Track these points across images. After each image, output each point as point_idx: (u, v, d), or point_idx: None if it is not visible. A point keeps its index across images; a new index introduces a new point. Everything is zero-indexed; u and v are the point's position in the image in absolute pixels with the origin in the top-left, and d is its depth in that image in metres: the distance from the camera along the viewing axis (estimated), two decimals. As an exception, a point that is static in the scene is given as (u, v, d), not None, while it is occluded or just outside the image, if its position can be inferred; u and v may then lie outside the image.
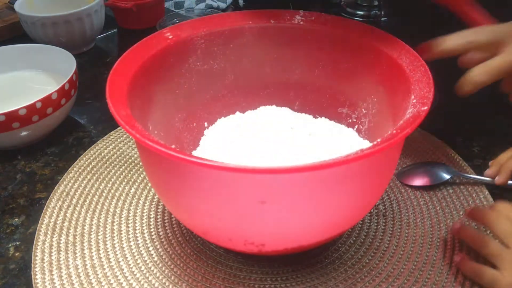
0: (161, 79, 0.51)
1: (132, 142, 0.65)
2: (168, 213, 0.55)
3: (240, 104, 0.60)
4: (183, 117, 0.56)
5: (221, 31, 0.54)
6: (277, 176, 0.36)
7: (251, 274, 0.48)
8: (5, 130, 0.59)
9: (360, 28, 0.52)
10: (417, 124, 0.38)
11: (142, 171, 0.60)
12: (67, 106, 0.65)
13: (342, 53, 0.54)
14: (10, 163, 0.63)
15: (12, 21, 0.93)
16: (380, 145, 0.35)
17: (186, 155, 0.35)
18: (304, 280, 0.48)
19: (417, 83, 0.43)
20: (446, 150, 0.62)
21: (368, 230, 0.52)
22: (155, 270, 0.49)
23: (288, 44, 0.56)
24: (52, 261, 0.49)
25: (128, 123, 0.38)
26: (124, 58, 0.47)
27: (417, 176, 0.58)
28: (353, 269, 0.48)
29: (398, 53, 0.48)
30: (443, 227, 0.52)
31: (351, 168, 0.38)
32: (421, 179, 0.57)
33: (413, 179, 0.58)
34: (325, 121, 0.58)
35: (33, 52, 0.73)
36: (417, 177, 0.58)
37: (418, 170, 0.59)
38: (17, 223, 0.54)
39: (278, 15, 0.55)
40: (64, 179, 0.59)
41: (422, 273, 0.48)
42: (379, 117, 0.52)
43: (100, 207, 0.56)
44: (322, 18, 0.54)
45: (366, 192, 0.43)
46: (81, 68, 0.70)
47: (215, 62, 0.56)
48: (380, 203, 0.55)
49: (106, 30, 0.97)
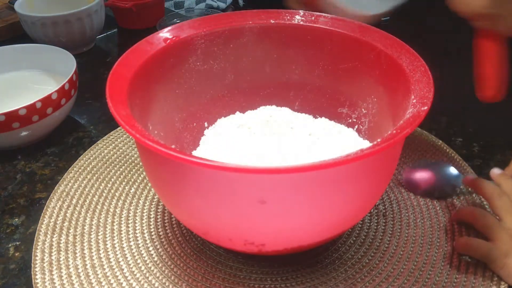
0: (161, 79, 0.51)
1: (132, 142, 0.65)
2: (168, 213, 0.55)
3: (240, 104, 0.60)
4: (183, 117, 0.56)
5: (221, 31, 0.54)
6: (278, 176, 0.36)
7: (251, 274, 0.48)
8: (5, 130, 0.59)
9: (360, 28, 0.52)
10: (417, 124, 0.38)
11: (142, 171, 0.60)
12: (67, 106, 0.65)
13: (342, 53, 0.54)
14: (10, 163, 0.63)
15: (12, 21, 0.93)
16: (380, 145, 0.35)
17: (187, 155, 0.35)
18: (304, 280, 0.48)
19: (417, 83, 0.43)
20: (446, 150, 0.62)
21: (368, 230, 0.52)
22: (155, 270, 0.49)
23: (288, 44, 0.56)
24: (52, 261, 0.49)
25: (128, 123, 0.38)
26: (124, 58, 0.47)
27: (422, 181, 0.57)
28: (353, 269, 0.48)
29: (398, 53, 0.48)
30: (443, 227, 0.52)
31: (351, 168, 0.38)
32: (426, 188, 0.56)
33: (418, 187, 0.57)
34: (325, 121, 0.58)
35: (33, 52, 0.73)
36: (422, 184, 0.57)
37: (424, 177, 0.57)
38: (17, 223, 0.54)
39: (278, 15, 0.55)
40: (64, 179, 0.59)
41: (422, 273, 0.48)
42: (379, 117, 0.52)
43: (100, 207, 0.56)
44: (322, 18, 0.54)
45: (366, 192, 0.43)
46: (81, 68, 0.70)
47: (215, 62, 0.56)
48: (380, 203, 0.55)
49: (106, 30, 0.97)
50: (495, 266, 0.47)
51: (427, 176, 0.56)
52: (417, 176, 0.57)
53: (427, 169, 0.57)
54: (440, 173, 0.56)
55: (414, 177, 0.57)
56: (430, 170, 0.57)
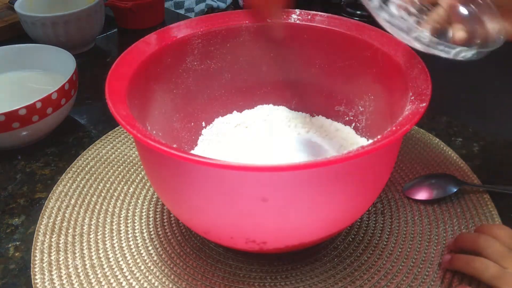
0: (158, 79, 0.52)
1: (130, 142, 0.65)
2: (167, 212, 0.55)
3: (237, 103, 0.60)
4: (180, 117, 0.56)
5: (217, 30, 0.54)
6: (281, 173, 0.36)
7: (251, 273, 0.48)
8: (5, 130, 0.60)
9: (356, 27, 0.52)
10: (416, 120, 0.38)
11: (140, 171, 0.60)
12: (67, 106, 0.65)
13: (339, 51, 0.54)
14: (10, 163, 0.63)
15: (12, 21, 0.93)
16: (380, 142, 0.36)
17: (190, 154, 0.35)
18: (303, 278, 0.48)
19: (414, 80, 0.43)
20: (446, 150, 0.62)
21: (367, 227, 0.52)
22: (154, 269, 0.49)
23: (285, 43, 0.56)
24: (52, 261, 0.49)
25: (129, 123, 0.38)
26: (122, 59, 0.47)
27: (421, 189, 0.56)
28: (352, 267, 0.49)
29: (394, 50, 0.48)
30: (441, 224, 0.52)
31: (351, 165, 0.38)
32: (425, 193, 0.56)
33: (417, 193, 0.56)
34: (322, 119, 0.58)
35: (33, 52, 0.73)
36: (421, 191, 0.56)
37: (423, 183, 0.57)
38: (17, 223, 0.55)
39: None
40: (62, 180, 0.59)
41: (420, 270, 0.48)
42: (376, 114, 0.52)
43: (99, 207, 0.56)
44: (318, 17, 0.54)
45: (366, 188, 0.43)
46: (81, 68, 0.70)
47: (212, 62, 0.56)
48: (378, 201, 0.55)
49: (106, 30, 0.97)
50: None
51: (427, 195, 0.56)
52: (417, 195, 0.56)
53: (426, 187, 0.56)
54: (440, 190, 0.56)
55: (414, 196, 0.56)
56: (429, 187, 0.56)
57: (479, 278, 0.45)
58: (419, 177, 0.58)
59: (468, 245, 0.47)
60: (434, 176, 0.58)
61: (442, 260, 0.49)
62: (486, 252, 0.45)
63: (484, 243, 0.46)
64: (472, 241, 0.47)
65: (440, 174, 0.58)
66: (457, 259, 0.47)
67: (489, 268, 0.44)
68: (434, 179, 0.57)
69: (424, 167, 0.60)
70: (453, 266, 0.47)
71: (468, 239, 0.48)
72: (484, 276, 0.44)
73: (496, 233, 0.47)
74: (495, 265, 0.44)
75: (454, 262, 0.47)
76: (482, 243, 0.46)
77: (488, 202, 0.55)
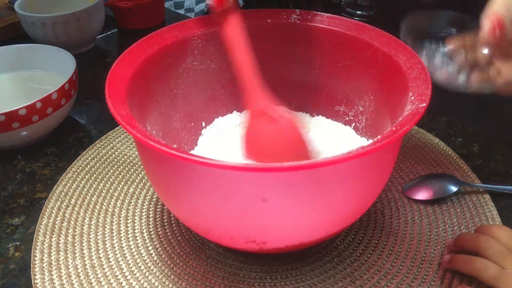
0: (158, 79, 0.52)
1: (130, 142, 0.65)
2: (167, 212, 0.55)
3: (237, 103, 0.60)
4: (180, 117, 0.56)
5: (218, 30, 0.54)
6: (280, 173, 0.36)
7: (251, 273, 0.48)
8: (5, 130, 0.60)
9: (356, 27, 0.52)
10: (416, 120, 0.38)
11: (140, 171, 0.60)
12: (67, 106, 0.65)
13: (339, 52, 0.54)
14: (10, 163, 0.63)
15: (12, 21, 0.93)
16: (380, 142, 0.36)
17: (189, 154, 0.35)
18: (303, 278, 0.48)
19: (414, 80, 0.43)
20: (446, 150, 0.62)
21: (367, 227, 0.52)
22: (154, 269, 0.49)
23: (285, 43, 0.56)
24: (52, 261, 0.49)
25: (129, 123, 0.38)
26: (122, 59, 0.47)
27: (421, 189, 0.56)
28: (352, 267, 0.49)
29: (394, 50, 0.48)
30: (441, 224, 0.52)
31: (352, 165, 0.38)
32: (425, 193, 0.56)
33: (417, 193, 0.56)
34: (322, 119, 0.58)
35: (33, 52, 0.73)
36: (421, 191, 0.56)
37: (423, 183, 0.57)
38: (17, 223, 0.55)
39: (274, 14, 0.55)
40: (62, 180, 0.59)
41: (420, 270, 0.48)
42: (376, 114, 0.52)
43: (99, 207, 0.56)
44: (318, 17, 0.54)
45: (366, 188, 0.43)
46: (81, 68, 0.70)
47: (212, 62, 0.56)
48: (378, 201, 0.55)
49: (106, 30, 0.97)
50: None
51: (427, 194, 0.56)
52: (417, 195, 0.56)
53: (426, 187, 0.56)
54: (440, 190, 0.56)
55: (414, 196, 0.56)
56: (429, 187, 0.56)
57: (479, 278, 0.45)
58: (419, 177, 0.58)
59: (468, 245, 0.47)
60: (434, 176, 0.58)
61: (442, 260, 0.49)
62: (486, 253, 0.45)
63: (484, 244, 0.46)
64: (472, 241, 0.47)
65: (440, 174, 0.58)
66: (457, 259, 0.47)
67: (489, 269, 0.44)
68: (434, 179, 0.57)
69: (424, 167, 0.60)
70: (453, 266, 0.47)
71: (468, 239, 0.48)
72: (483, 276, 0.44)
73: (496, 234, 0.47)
74: (495, 266, 0.44)
75: (454, 262, 0.47)
76: (482, 243, 0.46)
77: (488, 202, 0.55)
